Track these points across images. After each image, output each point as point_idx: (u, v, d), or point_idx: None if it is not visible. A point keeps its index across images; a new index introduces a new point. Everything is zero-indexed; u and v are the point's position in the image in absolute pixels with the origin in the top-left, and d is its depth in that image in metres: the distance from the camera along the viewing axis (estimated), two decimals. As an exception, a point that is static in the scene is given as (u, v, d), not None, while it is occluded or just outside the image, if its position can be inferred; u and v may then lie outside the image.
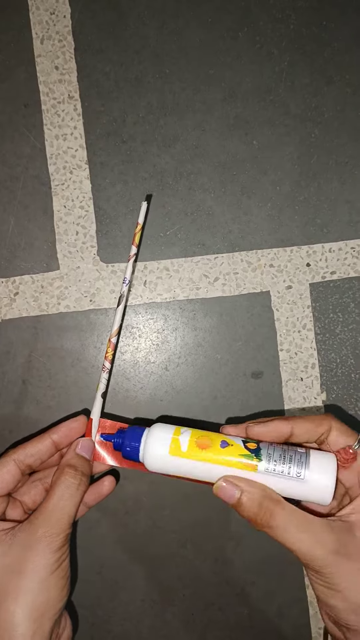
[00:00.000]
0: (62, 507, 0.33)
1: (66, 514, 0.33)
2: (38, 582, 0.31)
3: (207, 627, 0.42)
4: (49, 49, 0.42)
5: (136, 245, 0.37)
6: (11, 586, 0.31)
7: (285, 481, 0.31)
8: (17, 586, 0.31)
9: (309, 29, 0.42)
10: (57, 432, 0.36)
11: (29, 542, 0.32)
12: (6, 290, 0.41)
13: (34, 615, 0.31)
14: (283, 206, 0.42)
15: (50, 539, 0.32)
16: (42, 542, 0.32)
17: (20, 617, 0.30)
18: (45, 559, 0.31)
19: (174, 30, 0.42)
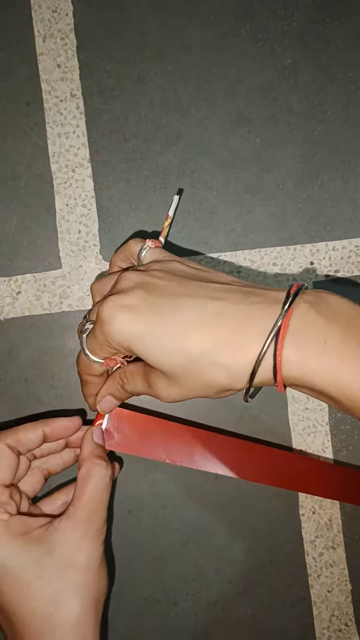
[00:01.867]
0: (100, 499, 0.34)
1: (104, 505, 0.34)
2: (91, 575, 0.33)
3: (210, 626, 0.42)
4: (51, 47, 0.41)
5: (164, 238, 0.37)
6: (66, 583, 0.32)
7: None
8: (73, 582, 0.32)
9: (312, 26, 0.42)
10: (50, 426, 0.36)
11: (76, 538, 0.33)
12: (9, 289, 0.41)
13: (92, 606, 0.33)
14: (286, 204, 0.42)
15: (96, 533, 0.33)
16: (90, 537, 0.33)
17: (82, 611, 0.32)
18: (94, 553, 0.33)
19: (176, 27, 0.42)
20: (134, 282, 0.31)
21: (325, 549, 0.42)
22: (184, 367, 0.29)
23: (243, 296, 0.29)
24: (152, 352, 0.29)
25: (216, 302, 0.29)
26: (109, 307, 0.30)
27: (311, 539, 0.42)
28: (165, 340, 0.29)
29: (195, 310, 0.29)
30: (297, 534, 0.42)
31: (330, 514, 0.42)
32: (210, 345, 0.28)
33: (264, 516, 0.42)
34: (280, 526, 0.42)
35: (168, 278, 0.31)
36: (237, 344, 0.28)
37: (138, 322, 0.29)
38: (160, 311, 0.29)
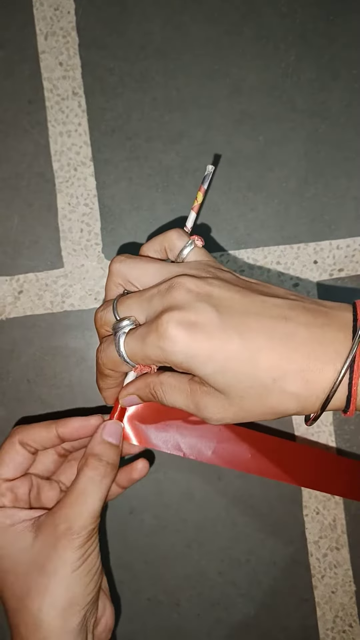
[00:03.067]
0: (84, 501, 0.31)
1: (89, 508, 0.31)
2: (60, 579, 0.30)
3: (213, 627, 0.42)
4: (53, 45, 0.41)
5: (197, 213, 0.34)
6: (34, 583, 0.31)
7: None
8: (40, 584, 0.30)
9: (315, 23, 0.42)
10: (65, 427, 0.34)
11: (51, 538, 0.31)
12: (10, 288, 0.41)
13: (58, 611, 0.30)
14: (290, 203, 0.42)
15: (71, 536, 0.31)
16: (63, 540, 0.31)
17: (45, 613, 0.30)
18: (66, 557, 0.31)
19: (178, 25, 0.41)
20: (195, 294, 0.28)
21: (329, 550, 0.42)
22: (251, 392, 0.27)
23: (311, 317, 0.28)
24: (218, 377, 0.27)
25: (285, 324, 0.27)
26: (175, 325, 0.27)
27: (315, 539, 0.42)
28: (234, 364, 0.27)
29: (265, 333, 0.27)
30: (301, 534, 0.42)
31: (334, 514, 0.42)
32: (282, 372, 0.27)
33: (268, 517, 0.42)
34: (283, 527, 0.42)
35: (230, 290, 0.29)
36: (310, 372, 0.27)
37: (206, 343, 0.27)
38: (230, 332, 0.27)
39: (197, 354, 0.27)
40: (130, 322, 0.30)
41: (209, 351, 0.27)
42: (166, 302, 0.29)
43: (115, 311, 0.31)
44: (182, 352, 0.27)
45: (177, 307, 0.28)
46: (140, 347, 0.29)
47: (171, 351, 0.27)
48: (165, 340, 0.27)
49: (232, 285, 0.29)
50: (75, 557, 0.31)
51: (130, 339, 0.30)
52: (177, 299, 0.28)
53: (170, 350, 0.27)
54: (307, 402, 0.27)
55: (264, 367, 0.27)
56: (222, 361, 0.27)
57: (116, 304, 0.31)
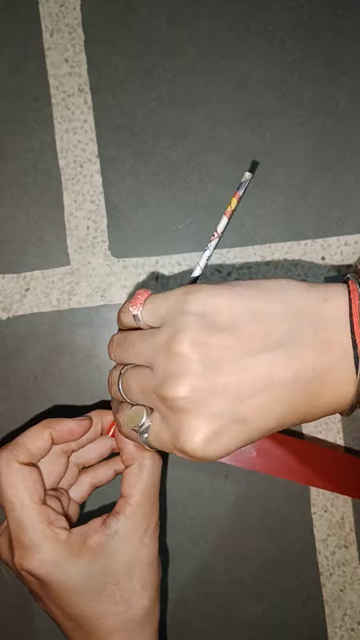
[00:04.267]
0: (154, 494, 0.33)
1: (157, 499, 0.34)
2: (154, 569, 0.34)
3: (221, 625, 0.42)
4: (59, 42, 0.41)
5: (228, 217, 0.34)
6: (134, 580, 0.33)
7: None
8: (140, 579, 0.33)
9: (322, 17, 0.41)
10: (57, 430, 0.33)
11: (135, 537, 0.33)
12: (17, 286, 0.41)
13: (157, 597, 0.34)
14: (297, 199, 0.41)
15: (155, 528, 0.33)
16: (149, 535, 0.33)
17: (149, 603, 0.33)
18: (153, 548, 0.33)
19: (184, 20, 0.41)
20: (192, 399, 0.26)
21: (338, 548, 0.42)
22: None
23: (314, 360, 0.26)
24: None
25: (293, 387, 0.26)
26: (195, 444, 0.26)
27: (323, 537, 0.42)
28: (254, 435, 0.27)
29: (272, 410, 0.27)
30: (309, 532, 0.42)
31: (342, 512, 0.41)
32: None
33: (275, 514, 0.42)
34: (291, 525, 0.42)
35: (222, 348, 0.27)
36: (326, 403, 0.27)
37: (230, 442, 0.27)
38: (242, 426, 0.27)
39: (227, 452, 0.27)
40: (148, 419, 0.29)
41: (234, 446, 0.28)
42: (172, 413, 0.27)
43: (123, 391, 0.31)
44: (215, 457, 0.27)
45: (185, 426, 0.27)
46: (163, 446, 0.29)
47: (205, 460, 0.27)
48: (192, 457, 0.27)
49: (220, 362, 0.27)
50: (157, 547, 0.34)
51: (153, 436, 0.29)
52: (179, 409, 0.27)
53: (203, 460, 0.27)
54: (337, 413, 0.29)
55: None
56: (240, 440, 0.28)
57: (121, 379, 0.31)
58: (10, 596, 0.41)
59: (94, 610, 0.32)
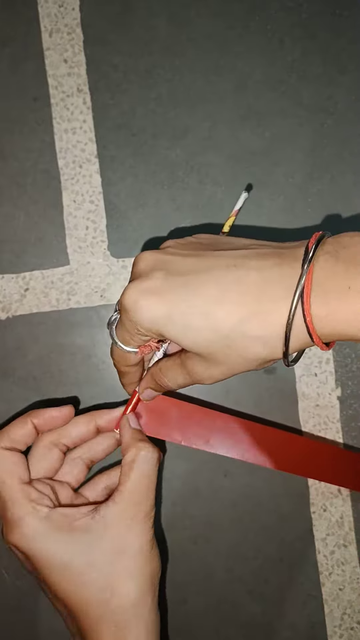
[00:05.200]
0: (147, 483, 0.33)
1: (152, 490, 0.33)
2: (143, 558, 0.33)
3: (220, 624, 0.42)
4: (58, 42, 0.41)
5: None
6: (119, 568, 0.32)
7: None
8: (125, 566, 0.32)
9: (321, 17, 0.41)
10: (39, 417, 0.35)
11: (125, 524, 0.33)
12: (16, 286, 0.41)
13: (146, 588, 0.33)
14: (296, 199, 0.41)
15: (145, 518, 0.33)
16: (138, 522, 0.33)
17: (137, 594, 0.32)
18: (145, 537, 0.33)
19: (183, 20, 0.41)
20: (151, 263, 0.30)
21: (337, 547, 0.42)
22: (217, 344, 0.28)
23: (262, 260, 0.28)
24: (182, 334, 0.28)
25: (235, 271, 0.28)
26: (131, 294, 0.29)
27: (322, 536, 0.42)
28: (193, 319, 0.28)
29: (215, 283, 0.28)
30: (308, 531, 0.42)
31: (341, 511, 0.41)
32: (237, 318, 0.27)
33: (275, 513, 0.42)
34: (290, 524, 0.42)
35: (184, 253, 0.30)
36: (264, 312, 0.27)
37: (162, 304, 0.28)
38: (182, 290, 0.28)
39: (158, 317, 0.29)
40: (117, 313, 0.32)
41: (167, 312, 0.28)
42: (130, 279, 0.31)
43: (115, 310, 0.33)
44: (145, 318, 0.29)
45: (133, 279, 0.30)
46: (123, 330, 0.31)
47: (136, 320, 0.29)
48: (129, 312, 0.29)
49: (189, 249, 0.31)
50: (150, 536, 0.33)
51: (117, 328, 0.32)
52: (136, 271, 0.31)
53: (135, 319, 0.29)
54: (273, 343, 0.27)
55: (219, 317, 0.28)
56: (181, 319, 0.28)
57: (116, 304, 0.33)
58: (10, 597, 0.41)
59: (79, 595, 0.32)
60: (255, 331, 0.27)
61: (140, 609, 0.32)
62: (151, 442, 0.35)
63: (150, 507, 0.33)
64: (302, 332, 0.27)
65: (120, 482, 0.33)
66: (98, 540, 0.32)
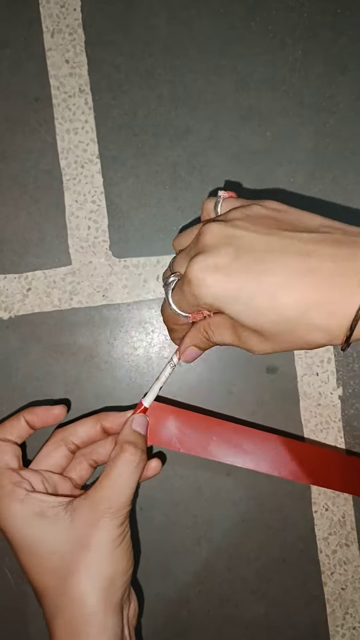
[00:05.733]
0: (122, 483, 0.33)
1: (126, 490, 0.33)
2: (104, 555, 0.32)
3: (223, 624, 0.42)
4: (60, 43, 0.41)
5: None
6: (77, 560, 0.32)
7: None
8: (84, 560, 0.32)
9: (323, 17, 0.41)
10: (32, 414, 0.37)
11: (91, 518, 0.33)
12: (19, 286, 0.41)
13: (103, 586, 0.32)
14: (298, 198, 0.41)
15: (112, 515, 0.33)
16: (105, 518, 0.32)
17: (90, 589, 0.32)
18: (109, 534, 0.32)
19: (184, 20, 0.41)
20: (219, 237, 0.29)
21: (339, 547, 0.42)
22: (279, 327, 0.28)
23: (337, 248, 0.28)
24: (244, 314, 0.28)
25: (307, 259, 0.28)
26: (198, 268, 0.29)
27: (324, 536, 0.42)
28: (258, 301, 0.28)
29: (286, 268, 0.27)
30: (310, 531, 0.42)
31: (343, 511, 0.41)
32: (303, 306, 0.27)
33: (277, 513, 0.42)
34: (293, 523, 0.42)
35: (253, 228, 0.29)
36: (333, 304, 0.27)
37: (228, 283, 0.28)
38: (250, 270, 0.28)
39: (223, 295, 0.28)
40: (176, 277, 0.32)
41: (233, 291, 0.28)
42: (195, 250, 0.30)
43: (171, 268, 0.33)
44: (210, 294, 0.29)
45: (201, 253, 0.29)
46: (181, 297, 0.31)
47: (200, 295, 0.29)
48: (193, 286, 0.29)
49: (258, 223, 0.30)
50: (116, 535, 0.33)
51: (175, 292, 0.32)
52: (203, 244, 0.30)
53: (199, 294, 0.29)
54: (335, 334, 0.27)
55: (286, 302, 0.27)
56: (246, 300, 0.28)
57: (171, 263, 0.33)
58: (13, 596, 0.41)
59: (40, 581, 0.33)
60: (320, 320, 0.27)
61: (89, 606, 0.32)
62: (139, 445, 0.35)
63: (121, 505, 0.33)
64: None
65: (99, 479, 0.34)
66: (64, 530, 0.33)
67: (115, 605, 0.32)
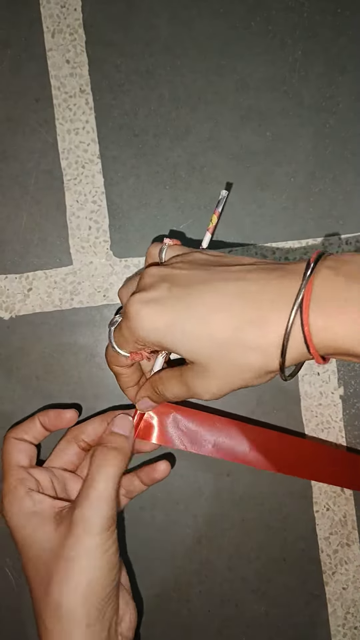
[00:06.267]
0: (96, 486, 0.33)
1: (102, 495, 0.32)
2: (80, 565, 0.32)
3: (223, 623, 0.42)
4: (60, 43, 0.41)
5: (211, 234, 0.36)
6: (56, 569, 0.32)
7: None
8: (62, 569, 0.32)
9: (322, 17, 0.41)
10: (45, 416, 0.38)
11: (70, 526, 0.32)
12: (20, 286, 0.41)
13: (78, 598, 0.31)
14: (298, 198, 0.41)
15: (87, 522, 0.32)
16: (80, 526, 0.32)
17: (65, 599, 0.31)
18: (84, 543, 0.32)
19: (185, 20, 0.41)
20: (157, 277, 0.31)
21: (340, 546, 0.42)
22: (214, 352, 0.28)
23: (266, 273, 0.28)
24: (179, 342, 0.29)
25: (236, 283, 0.28)
26: (134, 302, 0.30)
27: (325, 535, 0.42)
28: (190, 327, 0.28)
29: (215, 293, 0.28)
30: (311, 530, 0.42)
31: (344, 510, 0.41)
32: (235, 326, 0.28)
33: (278, 513, 0.42)
34: (294, 523, 0.42)
35: (190, 267, 0.31)
36: (262, 320, 0.27)
37: (163, 314, 0.29)
38: (183, 300, 0.29)
39: (157, 327, 0.29)
40: (119, 316, 0.33)
41: (167, 322, 0.29)
42: (136, 290, 0.32)
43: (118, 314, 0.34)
44: (144, 327, 0.30)
45: (138, 291, 0.31)
46: (120, 334, 0.32)
47: (135, 328, 0.30)
48: (130, 319, 0.30)
49: (195, 264, 0.31)
50: (92, 544, 0.32)
51: (116, 331, 0.33)
52: (142, 284, 0.31)
53: (134, 327, 0.30)
54: (269, 353, 0.27)
55: (217, 324, 0.28)
56: (180, 328, 0.29)
57: (119, 310, 0.35)
58: (14, 596, 0.41)
59: (29, 579, 0.33)
60: (251, 340, 0.27)
61: (71, 615, 0.31)
62: (115, 447, 0.34)
63: (96, 513, 0.32)
64: (299, 343, 0.27)
65: (82, 488, 0.33)
66: (49, 535, 0.33)
67: (94, 621, 0.32)
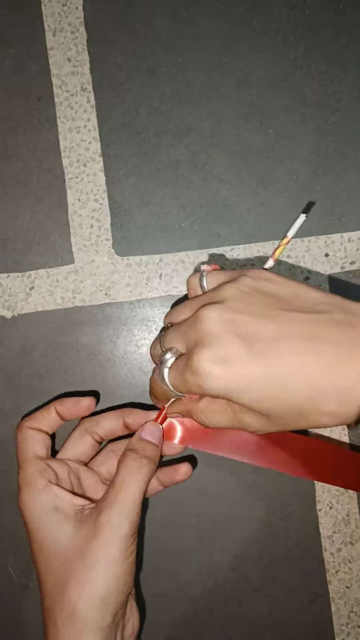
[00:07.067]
0: (126, 492, 0.32)
1: (129, 499, 0.32)
2: (102, 571, 0.31)
3: (226, 622, 0.42)
4: (62, 41, 0.41)
5: (275, 260, 0.35)
6: (76, 571, 0.31)
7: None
8: (82, 572, 0.31)
9: (325, 14, 0.41)
10: (62, 405, 0.37)
11: (94, 529, 0.32)
12: (22, 284, 0.41)
13: (95, 603, 0.31)
14: (300, 196, 0.41)
15: (114, 527, 0.32)
16: (107, 531, 0.31)
17: (83, 603, 0.31)
18: (109, 548, 0.31)
19: (186, 18, 0.41)
20: (218, 323, 0.29)
21: (343, 545, 0.41)
22: (289, 413, 0.29)
23: (339, 331, 0.28)
24: (256, 404, 0.29)
25: (312, 343, 0.28)
26: (204, 360, 0.29)
27: (329, 534, 0.42)
28: (269, 392, 0.28)
29: (293, 355, 0.28)
30: (315, 529, 0.42)
31: (348, 509, 0.41)
32: (313, 393, 0.28)
33: (281, 512, 0.42)
34: (297, 522, 0.42)
35: (251, 310, 0.30)
36: (342, 391, 0.27)
37: (239, 376, 0.28)
38: (258, 361, 0.28)
39: (232, 388, 0.28)
40: (172, 355, 0.32)
41: (243, 383, 0.28)
42: (195, 336, 0.30)
43: (162, 343, 0.33)
44: (218, 387, 0.29)
45: (205, 343, 0.29)
46: (182, 382, 0.31)
47: (208, 387, 0.29)
48: (199, 377, 0.29)
49: (254, 304, 0.30)
50: (116, 551, 0.31)
51: (172, 373, 0.32)
52: (204, 332, 0.30)
53: (206, 387, 0.29)
54: (344, 418, 0.28)
55: (295, 390, 0.28)
56: (257, 390, 0.28)
57: (161, 336, 0.33)
58: (17, 595, 0.41)
59: (42, 575, 0.33)
60: (332, 407, 0.28)
61: (85, 619, 0.31)
62: (145, 455, 0.34)
63: (123, 517, 0.32)
64: None
65: (106, 492, 0.33)
66: (69, 535, 0.32)
67: (107, 625, 0.31)
